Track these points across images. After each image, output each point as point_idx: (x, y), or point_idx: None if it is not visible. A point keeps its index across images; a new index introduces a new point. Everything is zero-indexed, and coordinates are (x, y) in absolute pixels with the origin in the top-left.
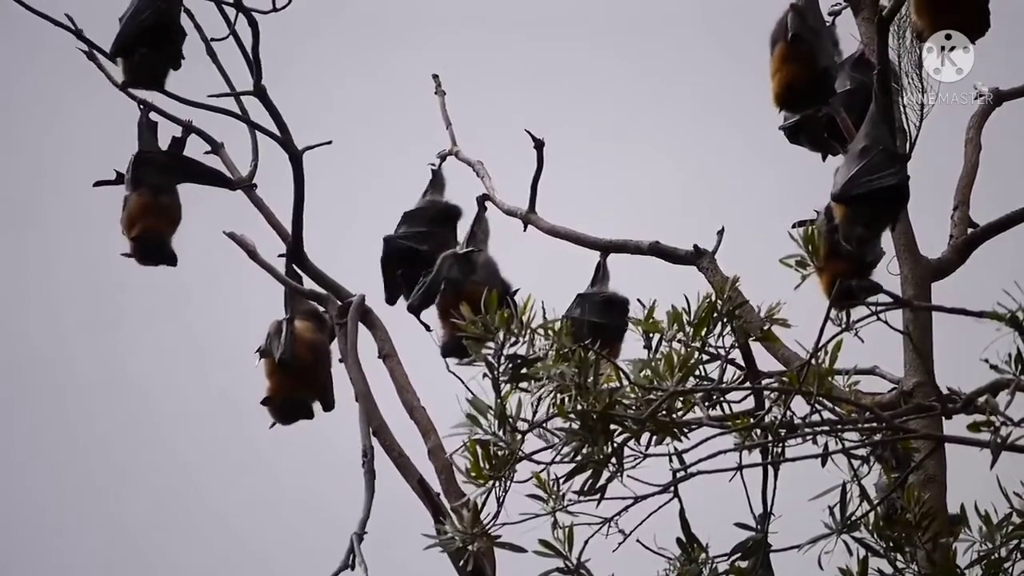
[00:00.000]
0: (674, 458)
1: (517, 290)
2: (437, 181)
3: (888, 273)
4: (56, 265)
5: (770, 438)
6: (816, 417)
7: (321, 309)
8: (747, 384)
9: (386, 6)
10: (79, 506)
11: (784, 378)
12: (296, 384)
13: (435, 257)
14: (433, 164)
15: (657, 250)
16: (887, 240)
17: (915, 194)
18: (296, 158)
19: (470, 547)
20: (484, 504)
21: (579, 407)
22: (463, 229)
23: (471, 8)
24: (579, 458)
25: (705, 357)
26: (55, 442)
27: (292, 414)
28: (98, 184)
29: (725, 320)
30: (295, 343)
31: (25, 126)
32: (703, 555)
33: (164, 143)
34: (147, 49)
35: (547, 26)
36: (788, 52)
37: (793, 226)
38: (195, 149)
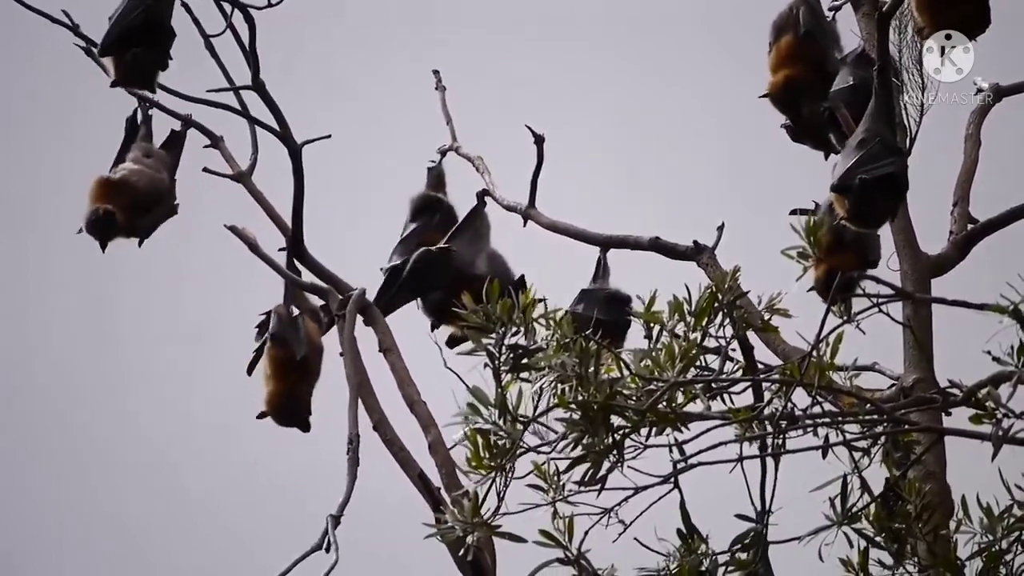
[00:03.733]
0: (674, 449)
1: (522, 276)
2: (437, 177)
3: (888, 268)
4: (56, 265)
5: (771, 430)
6: (817, 409)
7: (320, 303)
8: (748, 375)
9: (386, 2)
10: (78, 505)
11: (785, 370)
12: (298, 384)
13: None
14: (433, 160)
15: (657, 245)
16: (887, 235)
17: (915, 190)
18: (295, 152)
19: (469, 537)
20: (486, 495)
21: (580, 397)
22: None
23: (471, 4)
24: (579, 449)
25: (706, 348)
26: (54, 442)
27: (290, 417)
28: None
29: (726, 311)
30: (310, 343)
31: (24, 125)
32: (703, 546)
33: (164, 138)
34: (137, 48)
35: (547, 24)
36: (796, 47)
37: (791, 213)
38: (195, 143)
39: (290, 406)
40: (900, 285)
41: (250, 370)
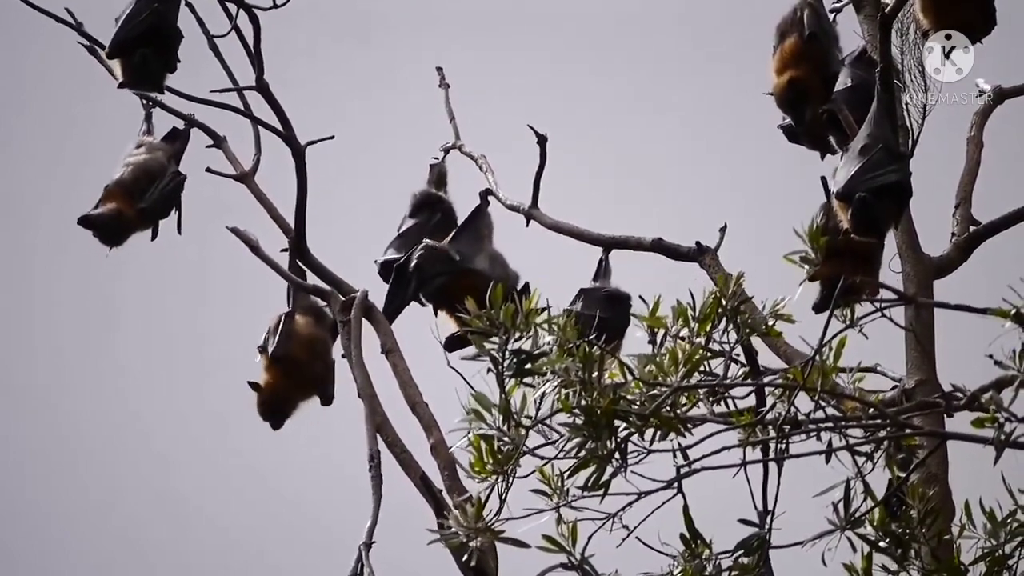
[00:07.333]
0: (678, 454)
1: (526, 284)
2: (439, 174)
3: (890, 271)
4: (57, 265)
5: (774, 434)
6: (820, 414)
7: (323, 303)
8: (751, 380)
9: (390, 2)
10: (78, 505)
11: (788, 374)
12: (288, 382)
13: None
14: (436, 157)
15: (659, 246)
16: (889, 237)
17: (917, 191)
18: (299, 153)
19: (473, 543)
20: (487, 499)
21: (583, 402)
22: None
23: (476, 3)
24: (583, 453)
25: (709, 353)
26: (54, 442)
27: (271, 413)
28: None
29: (730, 316)
30: (291, 339)
31: (25, 124)
32: (706, 551)
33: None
34: (146, 50)
35: (551, 22)
36: (801, 49)
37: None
38: (198, 143)
39: (269, 402)
40: (902, 287)
41: None
